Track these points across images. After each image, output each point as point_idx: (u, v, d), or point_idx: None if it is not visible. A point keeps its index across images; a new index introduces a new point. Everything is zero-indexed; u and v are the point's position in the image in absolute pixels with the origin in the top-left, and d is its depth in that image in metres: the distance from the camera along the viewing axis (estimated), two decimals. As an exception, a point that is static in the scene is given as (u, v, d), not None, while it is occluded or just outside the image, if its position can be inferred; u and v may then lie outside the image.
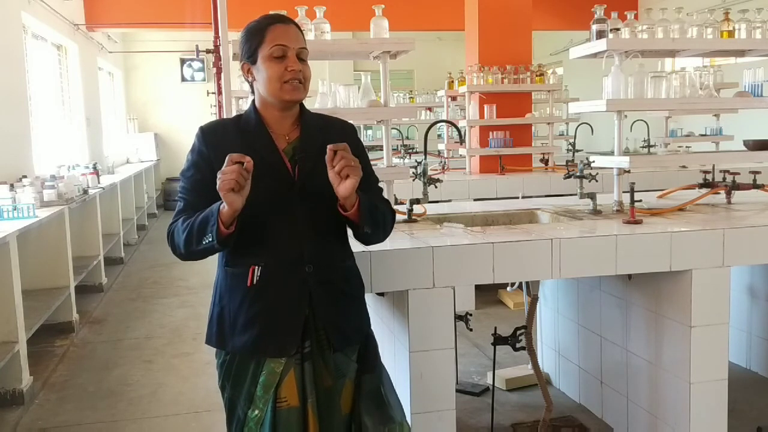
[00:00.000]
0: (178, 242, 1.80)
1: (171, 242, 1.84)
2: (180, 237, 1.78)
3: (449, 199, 4.88)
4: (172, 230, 1.83)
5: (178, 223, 1.81)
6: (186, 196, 1.85)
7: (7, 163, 5.45)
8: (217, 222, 1.69)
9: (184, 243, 1.77)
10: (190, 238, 1.75)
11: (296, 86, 1.80)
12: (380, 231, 1.91)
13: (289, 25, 1.84)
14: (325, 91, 3.09)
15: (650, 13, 3.25)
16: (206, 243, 1.72)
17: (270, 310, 1.79)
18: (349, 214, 1.77)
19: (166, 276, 6.89)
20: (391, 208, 2.00)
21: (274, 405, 1.79)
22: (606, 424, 3.27)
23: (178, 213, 1.85)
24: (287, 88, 1.79)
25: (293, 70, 1.78)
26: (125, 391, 3.88)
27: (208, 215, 1.72)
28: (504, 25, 6.14)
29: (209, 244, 1.72)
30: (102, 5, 8.93)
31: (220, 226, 1.69)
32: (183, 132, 12.41)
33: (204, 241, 1.72)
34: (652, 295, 2.86)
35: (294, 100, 1.83)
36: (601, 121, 7.14)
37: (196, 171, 1.84)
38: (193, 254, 1.80)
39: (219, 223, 1.68)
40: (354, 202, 1.76)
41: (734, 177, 3.43)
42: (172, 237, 1.82)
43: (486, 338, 3.49)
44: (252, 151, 1.77)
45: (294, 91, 1.80)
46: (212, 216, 1.70)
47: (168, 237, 1.85)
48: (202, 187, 1.82)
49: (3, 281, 3.75)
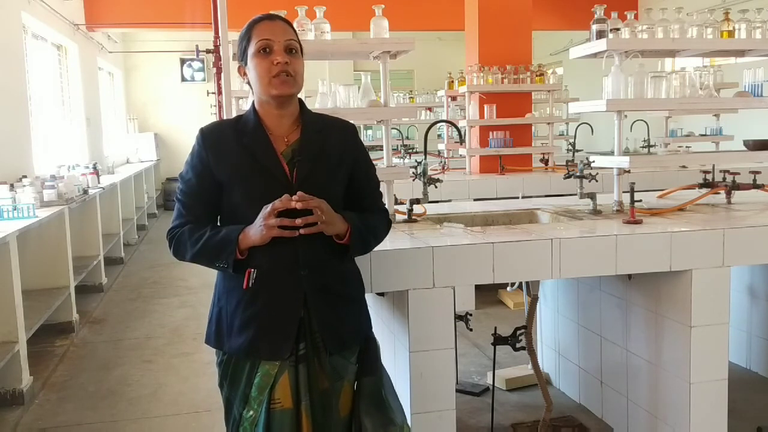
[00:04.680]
0: (184, 252, 1.82)
1: (174, 248, 1.85)
2: (188, 248, 1.81)
3: (449, 199, 4.88)
4: (176, 236, 1.83)
5: (184, 232, 1.82)
6: (185, 199, 1.86)
7: (7, 163, 5.45)
8: (235, 252, 1.74)
9: (193, 256, 1.81)
10: (201, 254, 1.80)
11: (285, 79, 1.79)
12: (372, 248, 1.97)
13: (275, 21, 1.84)
14: (325, 91, 3.09)
15: (650, 13, 3.25)
16: (219, 266, 1.80)
17: (265, 313, 1.79)
18: (343, 242, 1.82)
19: (166, 276, 6.89)
20: (386, 218, 2.01)
21: (268, 406, 1.79)
22: (606, 424, 3.27)
23: (178, 216, 1.86)
24: (275, 82, 1.78)
25: (279, 63, 1.78)
26: (125, 391, 3.88)
27: (224, 241, 1.76)
28: (504, 25, 6.14)
29: (221, 268, 1.80)
30: (102, 5, 8.93)
31: (237, 254, 1.75)
32: (183, 132, 12.41)
33: (217, 264, 1.79)
34: (652, 295, 2.86)
35: (284, 95, 1.81)
36: (601, 121, 7.14)
37: (195, 176, 1.84)
38: (198, 264, 1.85)
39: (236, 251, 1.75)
40: (345, 232, 1.81)
41: (734, 177, 3.43)
42: (177, 244, 1.83)
43: (486, 338, 3.49)
44: (249, 154, 1.80)
45: (283, 85, 1.79)
46: (230, 244, 1.75)
47: (170, 241, 1.85)
48: (200, 192, 1.84)
49: (3, 281, 3.75)
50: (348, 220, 1.82)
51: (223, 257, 1.75)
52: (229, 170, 1.81)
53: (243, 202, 1.80)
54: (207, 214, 1.86)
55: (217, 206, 1.86)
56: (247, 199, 1.80)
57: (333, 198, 1.81)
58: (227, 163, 1.81)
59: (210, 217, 1.87)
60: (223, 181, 1.82)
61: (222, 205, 1.86)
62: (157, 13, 8.89)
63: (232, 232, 1.77)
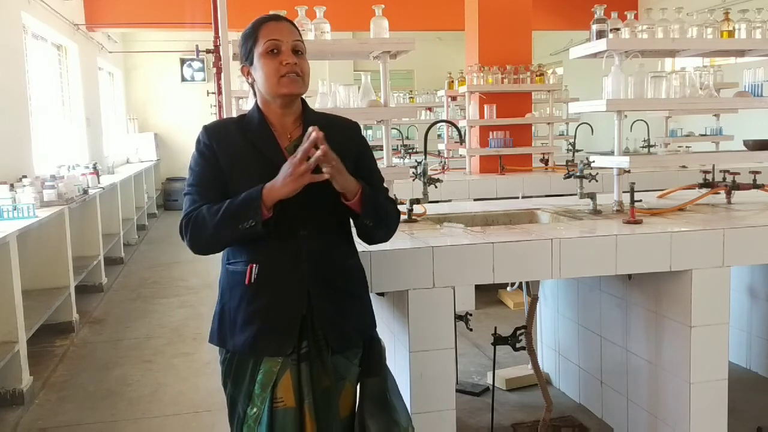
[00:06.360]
0: (203, 227, 1.74)
1: (192, 229, 1.76)
2: (208, 221, 1.73)
3: (449, 199, 4.88)
4: (193, 216, 1.76)
5: (202, 210, 1.76)
6: (197, 186, 1.81)
7: (7, 163, 5.45)
8: (261, 206, 1.69)
9: (215, 226, 1.73)
10: (224, 221, 1.72)
11: (294, 79, 1.79)
12: (383, 226, 1.90)
13: (281, 22, 1.84)
14: (325, 91, 3.09)
15: (650, 13, 3.25)
16: (247, 226, 1.70)
17: (267, 309, 1.79)
18: (351, 204, 1.78)
19: (166, 276, 6.89)
20: (395, 206, 1.99)
21: (271, 404, 1.79)
22: (606, 424, 3.27)
23: (191, 203, 1.80)
24: (284, 82, 1.79)
25: (288, 64, 1.78)
26: (125, 391, 3.88)
27: (247, 200, 1.71)
28: (504, 25, 6.14)
29: (250, 228, 1.70)
30: (102, 5, 8.93)
31: (263, 210, 1.69)
32: (183, 132, 12.41)
33: (245, 224, 1.70)
34: (652, 295, 2.86)
35: (293, 94, 1.82)
36: (601, 121, 7.14)
37: (205, 165, 1.82)
38: (219, 241, 1.77)
39: (262, 207, 1.69)
40: (355, 191, 1.77)
41: (734, 177, 3.43)
42: (194, 223, 1.76)
43: (486, 338, 3.49)
44: (254, 149, 1.80)
45: (292, 84, 1.80)
46: (254, 200, 1.70)
47: (186, 225, 1.77)
48: (212, 179, 1.81)
49: (3, 281, 3.75)
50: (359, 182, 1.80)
51: (251, 215, 1.69)
52: (234, 162, 1.81)
53: None
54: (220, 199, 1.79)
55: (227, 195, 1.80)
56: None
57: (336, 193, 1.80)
58: (231, 156, 1.81)
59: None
60: (227, 173, 1.81)
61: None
62: (157, 13, 8.89)
63: (253, 191, 1.72)
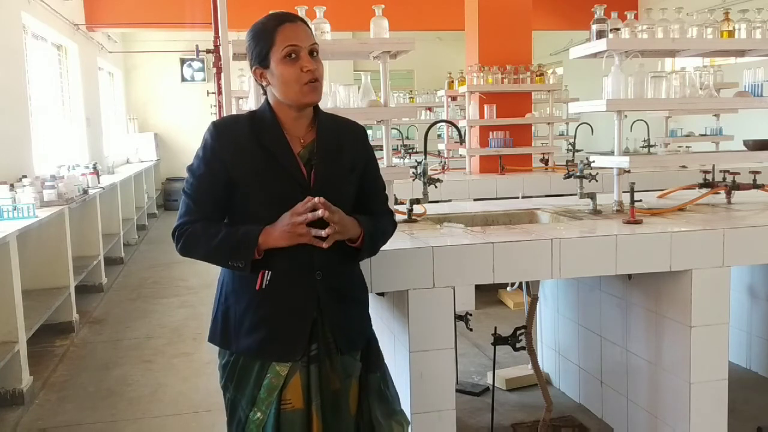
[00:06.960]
0: (195, 249, 1.77)
1: (183, 245, 1.77)
2: (200, 245, 1.76)
3: (449, 199, 4.88)
4: (185, 232, 1.77)
5: (197, 228, 1.76)
6: (195, 195, 1.79)
7: (7, 163, 5.45)
8: (254, 251, 1.71)
9: (206, 253, 1.77)
10: (215, 253, 1.76)
11: (315, 86, 1.76)
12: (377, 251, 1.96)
13: (298, 24, 1.78)
14: (325, 91, 3.08)
15: (650, 13, 3.25)
16: (236, 265, 1.75)
17: (277, 315, 1.78)
18: (356, 246, 1.82)
19: (166, 276, 6.89)
20: (393, 220, 2.01)
21: (278, 407, 1.78)
22: (606, 424, 3.27)
23: (187, 213, 1.79)
24: (306, 90, 1.75)
25: (309, 71, 1.74)
26: (125, 391, 3.88)
27: (244, 240, 1.72)
28: (504, 25, 6.14)
29: (238, 267, 1.75)
30: (102, 5, 8.93)
31: (255, 254, 1.72)
32: (183, 132, 12.42)
33: (234, 263, 1.75)
34: (652, 295, 2.86)
35: (314, 103, 1.81)
36: (601, 121, 7.14)
37: (208, 171, 1.78)
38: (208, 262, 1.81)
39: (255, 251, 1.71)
40: (358, 236, 1.81)
41: (734, 177, 3.42)
42: (187, 241, 1.77)
43: (486, 338, 3.49)
44: (267, 153, 1.77)
45: (313, 93, 1.77)
46: (250, 243, 1.71)
47: (179, 237, 1.78)
48: (211, 187, 1.78)
49: (3, 281, 3.74)
50: (361, 225, 1.81)
51: (242, 256, 1.71)
52: (247, 170, 1.76)
53: (260, 202, 1.76)
54: (217, 211, 1.81)
55: (227, 205, 1.81)
56: (265, 200, 1.76)
57: (347, 199, 1.81)
58: (245, 163, 1.76)
59: (219, 215, 1.82)
60: (238, 180, 1.77)
61: (233, 205, 1.81)
62: (157, 13, 8.88)
63: (251, 231, 1.72)
